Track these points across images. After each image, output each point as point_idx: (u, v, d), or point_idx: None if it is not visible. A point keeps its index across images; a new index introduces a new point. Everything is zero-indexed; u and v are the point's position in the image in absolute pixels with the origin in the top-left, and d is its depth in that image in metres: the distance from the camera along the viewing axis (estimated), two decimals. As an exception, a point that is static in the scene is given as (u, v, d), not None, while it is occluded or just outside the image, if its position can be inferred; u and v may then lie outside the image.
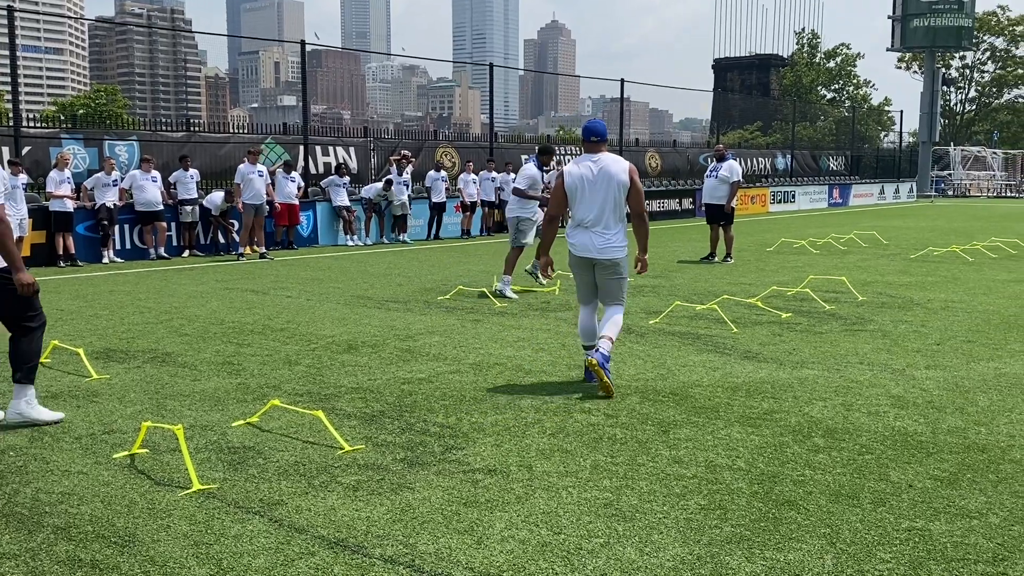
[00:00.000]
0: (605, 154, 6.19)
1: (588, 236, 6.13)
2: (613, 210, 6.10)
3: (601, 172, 6.08)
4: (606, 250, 6.10)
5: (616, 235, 6.13)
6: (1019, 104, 68.79)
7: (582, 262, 6.22)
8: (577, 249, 6.20)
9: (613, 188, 6.06)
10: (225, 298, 10.52)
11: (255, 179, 15.17)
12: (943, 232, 21.40)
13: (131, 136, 17.76)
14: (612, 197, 6.08)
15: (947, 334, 8.09)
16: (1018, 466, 4.51)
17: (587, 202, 6.11)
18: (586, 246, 6.14)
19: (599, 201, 6.08)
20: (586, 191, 6.11)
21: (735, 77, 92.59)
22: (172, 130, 19.33)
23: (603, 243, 6.10)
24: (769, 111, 65.29)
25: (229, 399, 5.87)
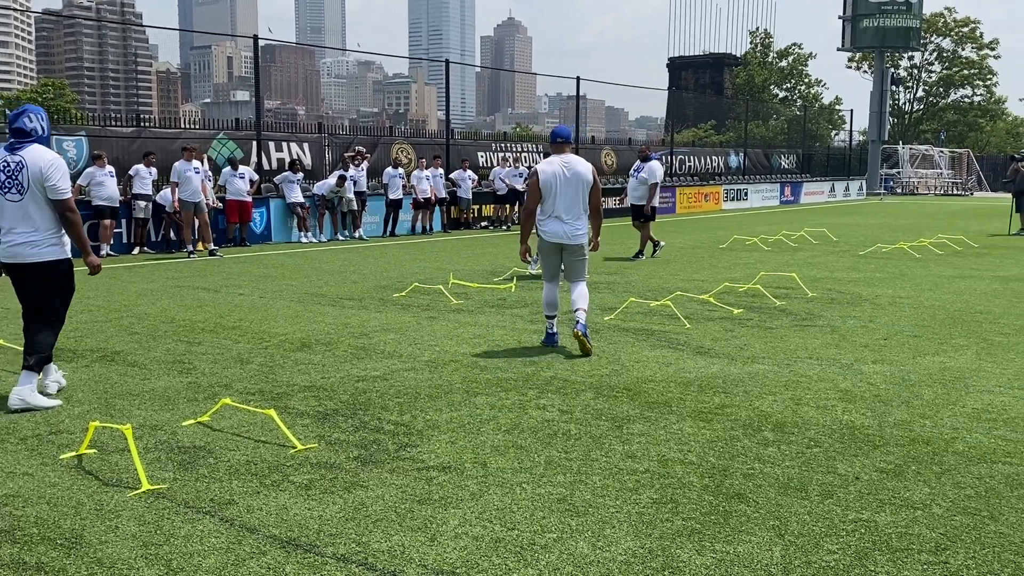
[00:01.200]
0: (571, 155, 7.34)
1: (560, 225, 7.19)
2: (580, 204, 7.22)
3: (573, 172, 7.16)
4: (575, 236, 7.23)
5: (582, 224, 7.27)
6: (965, 104, 70.29)
7: (553, 247, 7.30)
8: (550, 236, 7.26)
9: (581, 185, 7.18)
10: (176, 296, 10.38)
11: (192, 176, 15.00)
12: (891, 229, 21.81)
13: (79, 132, 17.41)
14: (580, 193, 7.19)
15: (894, 329, 8.26)
16: (961, 458, 4.62)
17: (561, 197, 7.15)
18: (558, 233, 7.22)
19: (571, 196, 7.16)
20: (560, 187, 7.14)
21: (689, 76, 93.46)
22: (122, 125, 18.99)
23: (572, 231, 7.21)
24: (723, 110, 65.94)
25: (179, 398, 5.80)
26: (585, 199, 7.23)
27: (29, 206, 5.46)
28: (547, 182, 7.14)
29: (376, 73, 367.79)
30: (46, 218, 5.51)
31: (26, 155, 5.46)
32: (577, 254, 7.31)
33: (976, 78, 68.90)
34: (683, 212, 30.30)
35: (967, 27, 67.86)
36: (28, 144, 5.51)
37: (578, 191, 7.16)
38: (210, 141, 19.15)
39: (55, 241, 5.57)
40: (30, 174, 5.44)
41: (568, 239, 7.20)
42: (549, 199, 7.18)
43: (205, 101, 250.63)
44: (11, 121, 5.56)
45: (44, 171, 5.44)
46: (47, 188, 5.46)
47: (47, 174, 5.45)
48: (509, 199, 22.59)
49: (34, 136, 5.54)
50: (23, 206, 5.46)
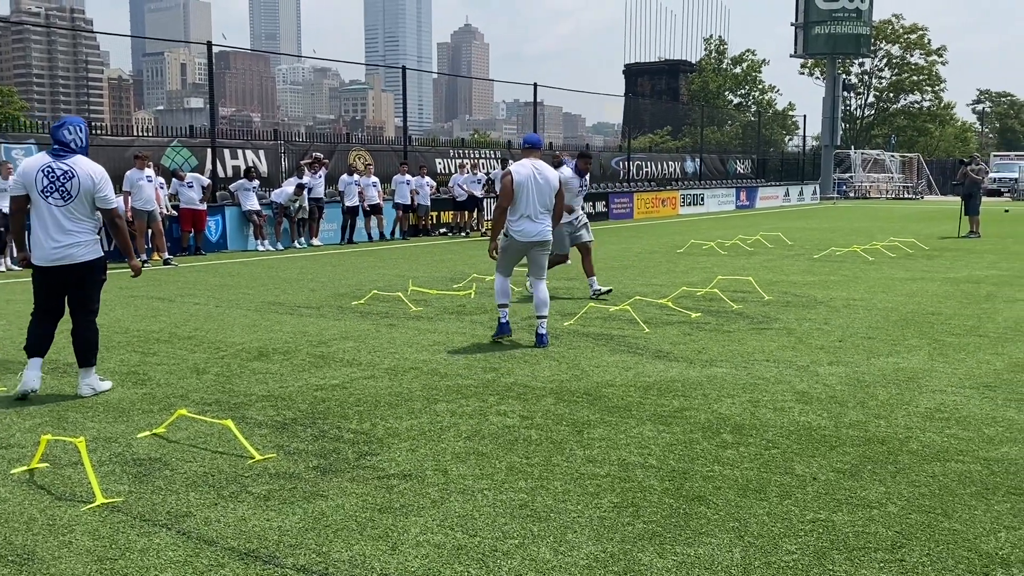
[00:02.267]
0: (540, 160, 7.90)
1: (533, 224, 7.70)
2: (548, 204, 7.78)
3: (543, 176, 7.73)
4: (544, 234, 7.78)
5: (548, 222, 7.84)
6: (914, 109, 71.68)
7: (522, 245, 7.77)
8: (522, 235, 7.71)
9: (549, 188, 7.73)
10: (130, 306, 10.21)
11: (144, 185, 14.79)
12: (845, 233, 22.16)
13: (28, 139, 17.09)
14: (548, 195, 7.74)
15: (848, 331, 8.38)
16: (915, 457, 4.70)
17: (533, 198, 7.66)
18: (531, 232, 7.71)
19: (541, 197, 7.69)
20: (533, 189, 7.66)
21: (645, 82, 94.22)
22: (72, 133, 18.64)
23: (541, 229, 7.75)
24: (678, 115, 66.61)
25: (134, 410, 5.70)
26: (551, 201, 7.78)
27: (73, 211, 5.89)
28: (521, 183, 7.63)
29: (332, 80, 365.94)
30: (88, 222, 5.99)
31: (75, 165, 5.89)
32: (543, 248, 7.87)
33: (925, 84, 70.33)
34: (641, 217, 30.50)
35: (915, 34, 69.27)
36: (72, 154, 5.92)
37: (546, 194, 7.71)
38: (164, 149, 18.91)
39: (96, 240, 6.08)
40: (81, 184, 5.88)
41: (539, 236, 7.75)
42: (522, 199, 7.65)
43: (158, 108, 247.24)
44: (53, 132, 6.01)
45: (96, 183, 5.93)
46: (97, 198, 5.95)
47: (99, 186, 5.95)
48: (468, 205, 22.59)
49: (75, 147, 5.95)
50: (65, 211, 5.87)
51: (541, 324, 7.75)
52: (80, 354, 6.09)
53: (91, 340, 6.11)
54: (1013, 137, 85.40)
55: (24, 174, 5.91)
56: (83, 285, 6.03)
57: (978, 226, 20.32)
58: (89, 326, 6.11)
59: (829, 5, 49.03)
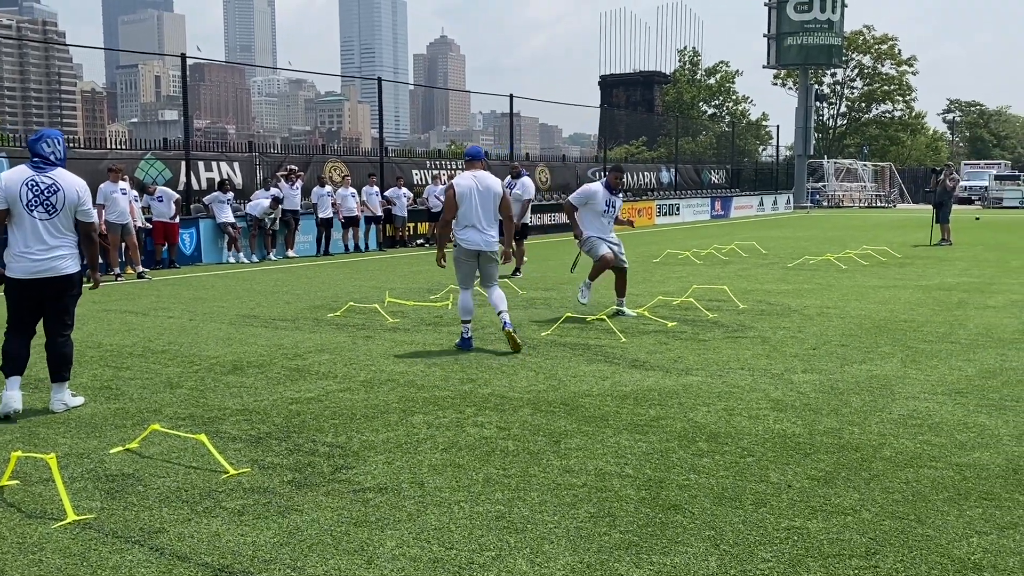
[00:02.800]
0: (482, 171, 8.10)
1: (478, 234, 7.91)
2: (493, 214, 7.98)
3: (485, 185, 7.92)
4: (490, 243, 7.98)
5: (495, 232, 8.04)
6: (886, 119, 72.45)
7: (471, 254, 7.99)
8: (469, 244, 7.95)
9: (492, 197, 7.93)
10: (103, 320, 10.11)
11: (119, 198, 14.67)
12: (818, 241, 22.34)
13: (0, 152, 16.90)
14: (492, 204, 7.95)
15: (822, 339, 8.45)
16: (889, 464, 4.73)
17: (476, 208, 7.88)
18: (476, 241, 7.93)
19: (485, 207, 7.91)
20: (475, 199, 7.87)
21: (621, 93, 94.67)
22: (44, 146, 18.46)
23: (488, 239, 7.96)
24: (654, 126, 66.98)
25: (107, 425, 5.64)
26: (496, 210, 8.03)
27: (57, 225, 5.87)
28: (462, 194, 7.91)
29: (308, 91, 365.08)
30: (71, 235, 5.98)
31: (59, 179, 5.88)
32: (492, 259, 8.09)
33: (896, 93, 71.11)
34: (617, 228, 30.56)
35: (886, 44, 70.07)
36: (52, 167, 5.92)
37: (490, 202, 7.95)
38: (137, 161, 18.77)
39: (76, 254, 6.05)
40: (66, 198, 5.88)
41: (485, 246, 7.97)
42: (465, 210, 7.91)
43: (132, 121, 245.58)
44: (31, 145, 5.99)
45: (80, 196, 5.95)
46: (80, 212, 5.95)
47: (83, 199, 5.96)
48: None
49: (54, 160, 5.94)
50: (49, 225, 5.85)
51: (502, 316, 8.00)
52: (54, 369, 6.04)
53: (67, 355, 6.07)
54: (983, 146, 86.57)
55: (7, 188, 5.81)
56: (62, 298, 5.99)
57: (949, 234, 20.57)
58: (65, 341, 6.07)
59: (801, 16, 49.56)
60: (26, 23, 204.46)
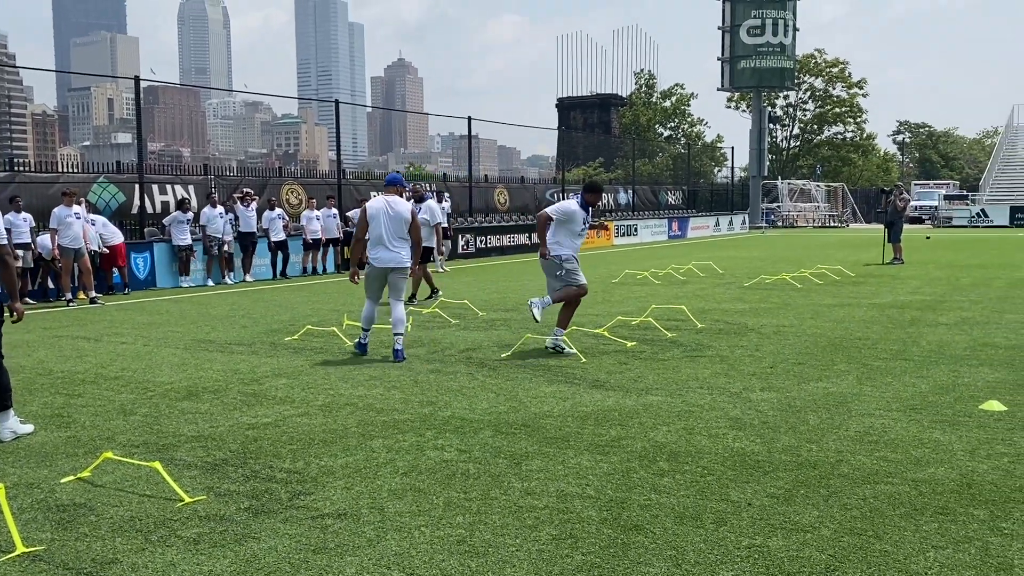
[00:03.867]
0: (395, 196, 8.90)
1: (387, 252, 8.72)
2: (402, 234, 8.75)
3: (395, 210, 8.73)
4: (400, 261, 8.75)
5: (405, 250, 8.78)
6: (838, 140, 73.75)
7: (380, 272, 8.80)
8: (379, 262, 8.75)
9: (401, 220, 8.73)
10: (54, 347, 9.90)
11: (72, 222, 14.42)
12: (774, 261, 22.63)
13: (-55, 176, 16.55)
14: (402, 226, 8.73)
15: (779, 357, 8.53)
16: (846, 480, 4.78)
17: (386, 228, 8.69)
18: (385, 259, 8.74)
19: (394, 228, 8.70)
20: (385, 221, 8.68)
21: (578, 115, 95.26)
22: (-8, 169, 18.12)
23: (397, 257, 8.74)
24: (611, 148, 67.56)
25: (58, 454, 5.51)
26: (405, 232, 8.76)
27: None
28: (372, 215, 8.73)
29: (264, 114, 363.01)
30: None
31: None
32: (401, 274, 8.85)
33: (847, 115, 72.46)
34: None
35: (836, 67, 71.45)
36: None
37: (400, 224, 8.71)
38: (90, 185, 18.49)
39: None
40: None
41: (394, 263, 8.74)
42: (375, 229, 8.70)
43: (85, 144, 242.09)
44: None
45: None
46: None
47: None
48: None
49: None
50: None
51: (397, 341, 8.78)
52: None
53: (3, 383, 5.85)
54: (931, 167, 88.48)
55: None
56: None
57: (901, 253, 20.95)
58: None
59: (754, 40, 50.42)
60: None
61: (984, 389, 6.97)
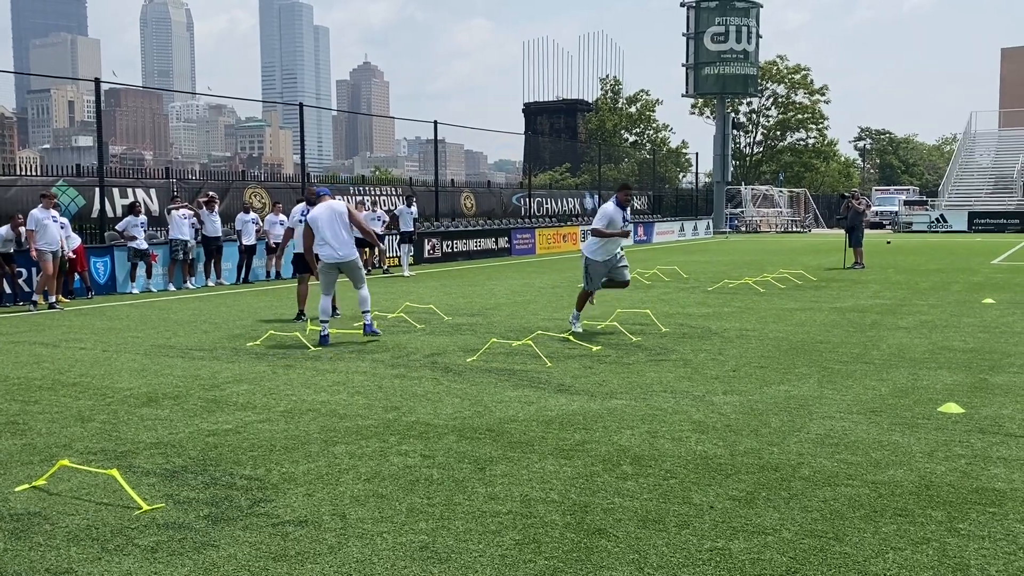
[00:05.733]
0: (332, 201, 10.23)
1: (332, 250, 9.93)
2: (346, 231, 9.98)
3: (332, 211, 9.99)
4: (346, 255, 10.00)
5: (349, 246, 10.00)
6: (800, 146, 74.62)
7: (331, 266, 10.09)
8: (327, 258, 10.01)
9: (339, 219, 9.95)
10: (10, 352, 9.72)
11: (50, 224, 14.20)
12: (737, 265, 22.83)
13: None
14: (342, 225, 9.94)
15: (742, 361, 8.60)
16: (807, 483, 4.82)
17: (327, 229, 9.91)
18: (333, 256, 9.97)
19: (335, 228, 9.90)
20: (324, 223, 9.92)
21: (544, 121, 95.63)
22: (-52, 172, 17.78)
23: (342, 252, 9.96)
24: (577, 153, 67.79)
25: (12, 462, 5.40)
26: (348, 228, 9.98)
27: None
28: (313, 221, 10.04)
29: (228, 117, 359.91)
30: None
31: None
32: (352, 266, 10.10)
33: (809, 122, 73.33)
34: (543, 252, 30.80)
35: (799, 74, 72.30)
36: None
37: (340, 223, 9.92)
38: (49, 188, 18.17)
39: None
40: None
41: (341, 259, 9.97)
42: (319, 232, 9.94)
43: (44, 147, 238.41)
44: None
45: None
46: None
47: None
48: (366, 242, 22.35)
49: None
50: None
51: (366, 316, 10.21)
52: None
53: None
54: (892, 172, 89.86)
55: None
56: None
57: (862, 257, 21.22)
58: None
59: (718, 47, 50.88)
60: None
61: (942, 392, 7.08)
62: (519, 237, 30.23)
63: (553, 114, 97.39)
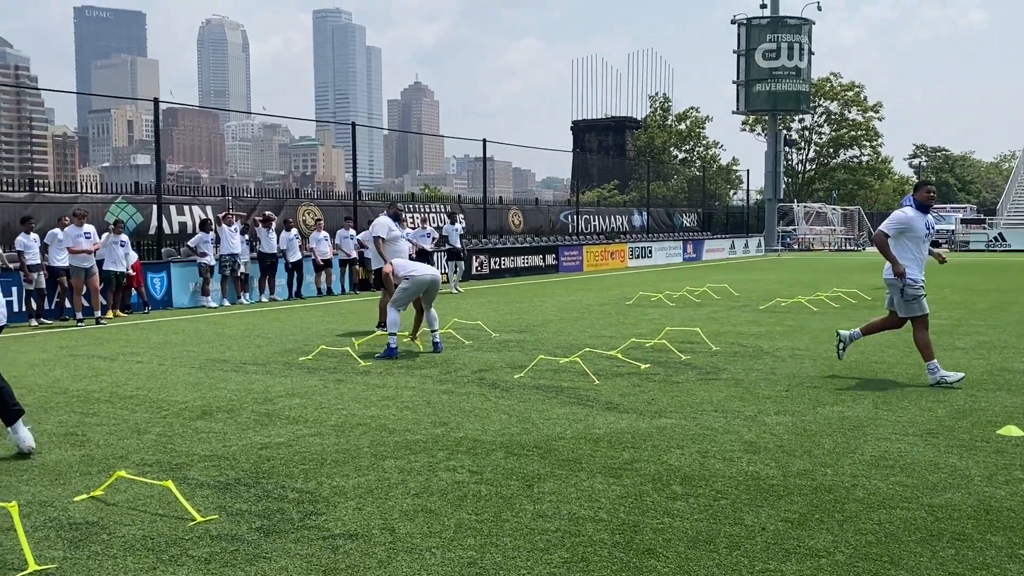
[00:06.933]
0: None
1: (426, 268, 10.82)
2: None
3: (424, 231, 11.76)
4: (437, 274, 10.75)
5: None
6: (854, 163, 73.65)
7: (423, 284, 10.46)
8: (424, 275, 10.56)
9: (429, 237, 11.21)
10: (70, 366, 9.96)
11: (83, 241, 14.54)
12: (789, 284, 22.54)
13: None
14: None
15: (795, 380, 8.48)
16: (861, 505, 4.73)
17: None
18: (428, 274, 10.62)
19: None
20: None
21: (593, 138, 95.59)
22: (13, 190, 18.34)
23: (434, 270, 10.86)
24: (625, 170, 67.72)
25: (72, 472, 5.53)
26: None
27: None
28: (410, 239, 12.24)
29: (282, 136, 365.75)
30: None
31: None
32: (438, 285, 10.72)
33: (863, 139, 72.38)
34: (590, 269, 30.74)
35: (852, 91, 71.46)
36: None
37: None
38: (108, 205, 18.66)
39: None
40: None
41: (434, 276, 10.65)
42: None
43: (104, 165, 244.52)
44: None
45: None
46: None
47: None
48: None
49: None
50: None
51: (436, 334, 10.67)
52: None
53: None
54: (948, 190, 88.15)
55: None
56: None
57: (917, 276, 20.79)
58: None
59: (769, 64, 50.55)
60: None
61: (1002, 414, 6.90)
62: (567, 254, 30.23)
63: (601, 131, 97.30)
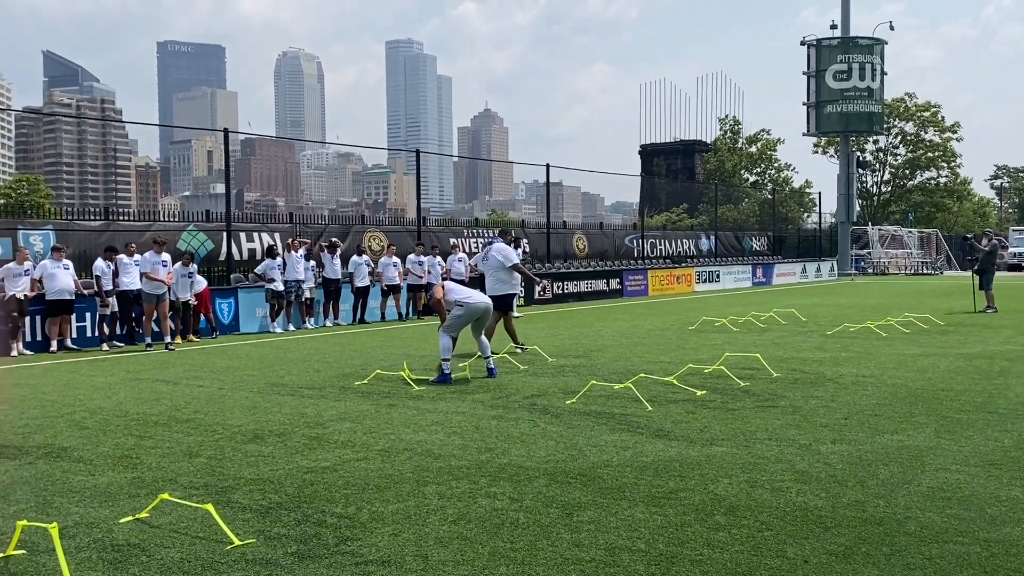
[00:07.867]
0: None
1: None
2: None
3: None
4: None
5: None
6: (930, 185, 71.73)
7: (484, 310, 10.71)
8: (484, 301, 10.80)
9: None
10: (133, 389, 10.21)
11: (159, 269, 14.93)
12: (860, 309, 21.96)
13: (46, 225, 17.41)
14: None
15: (855, 408, 8.22)
16: (913, 538, 4.54)
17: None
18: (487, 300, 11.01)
19: None
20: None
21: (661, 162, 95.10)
22: (89, 219, 19.00)
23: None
24: (694, 194, 67.07)
25: (121, 494, 5.64)
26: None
27: None
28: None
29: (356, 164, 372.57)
30: None
31: None
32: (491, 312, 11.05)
33: (940, 160, 70.50)
34: (655, 294, 30.44)
35: (928, 111, 69.75)
36: None
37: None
38: (180, 233, 19.19)
39: None
40: None
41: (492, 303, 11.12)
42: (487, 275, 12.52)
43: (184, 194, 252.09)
44: None
45: None
46: None
47: None
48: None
49: None
50: None
51: (489, 360, 10.77)
52: None
53: None
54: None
55: None
56: None
57: (993, 300, 20.09)
58: None
59: (840, 85, 49.65)
60: (85, 101, 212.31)
61: (1074, 445, 6.57)
62: (631, 278, 30.00)
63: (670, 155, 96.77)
